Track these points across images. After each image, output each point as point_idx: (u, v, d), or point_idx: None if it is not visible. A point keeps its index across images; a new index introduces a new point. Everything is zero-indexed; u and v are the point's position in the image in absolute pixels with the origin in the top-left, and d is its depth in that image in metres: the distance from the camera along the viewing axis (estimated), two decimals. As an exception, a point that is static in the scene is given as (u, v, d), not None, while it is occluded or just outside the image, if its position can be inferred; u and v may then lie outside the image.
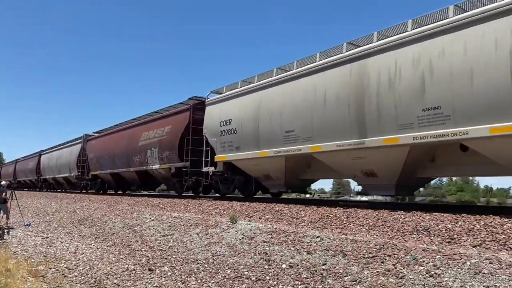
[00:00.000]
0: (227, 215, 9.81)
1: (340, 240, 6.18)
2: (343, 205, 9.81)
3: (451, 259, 4.72)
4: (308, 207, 9.50)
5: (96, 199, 20.34)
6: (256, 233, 7.56)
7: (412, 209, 7.88)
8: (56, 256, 8.62)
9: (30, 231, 12.31)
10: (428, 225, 6.35)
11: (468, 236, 5.65)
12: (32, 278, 6.89)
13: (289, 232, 7.13)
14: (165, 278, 6.48)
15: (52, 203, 20.95)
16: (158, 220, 10.69)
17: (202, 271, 6.45)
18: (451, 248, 5.19)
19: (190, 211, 11.64)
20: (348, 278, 4.99)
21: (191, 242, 8.16)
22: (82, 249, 9.24)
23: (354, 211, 8.23)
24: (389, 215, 7.43)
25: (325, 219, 7.97)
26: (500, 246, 5.13)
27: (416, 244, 5.50)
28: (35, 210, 18.63)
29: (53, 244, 10.06)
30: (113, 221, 12.19)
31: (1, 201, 12.86)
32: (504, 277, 4.13)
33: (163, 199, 15.91)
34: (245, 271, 6.06)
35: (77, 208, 16.84)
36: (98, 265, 7.63)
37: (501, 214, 6.51)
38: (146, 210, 12.77)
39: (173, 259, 7.40)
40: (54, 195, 27.75)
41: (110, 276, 6.88)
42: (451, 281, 4.27)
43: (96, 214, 14.29)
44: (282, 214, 9.07)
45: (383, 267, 4.99)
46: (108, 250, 8.92)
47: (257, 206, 10.56)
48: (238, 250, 6.99)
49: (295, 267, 5.72)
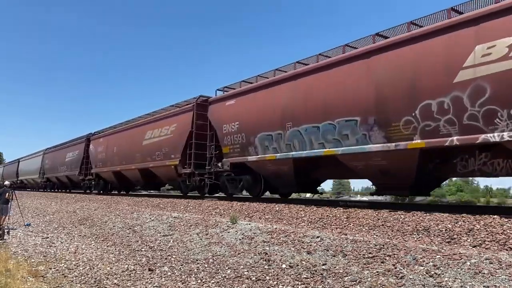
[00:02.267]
0: (227, 215, 9.81)
1: (340, 240, 6.18)
2: (343, 205, 9.81)
3: (451, 259, 4.72)
4: (308, 207, 9.50)
5: (96, 199, 20.35)
6: (256, 233, 7.56)
7: (412, 209, 7.89)
8: (56, 256, 8.62)
9: (30, 231, 12.31)
10: (428, 225, 6.36)
11: (468, 236, 5.66)
12: (32, 278, 6.89)
13: (289, 232, 7.14)
14: (165, 278, 6.48)
15: (52, 203, 20.95)
16: (158, 220, 10.69)
17: (202, 271, 6.45)
18: (451, 248, 5.20)
19: (190, 211, 11.64)
20: (348, 278, 4.99)
21: (191, 242, 8.17)
22: (82, 249, 9.24)
23: (354, 211, 8.24)
24: (389, 215, 7.43)
25: (325, 219, 7.97)
26: (500, 246, 5.13)
27: (416, 244, 5.51)
28: (35, 210, 18.63)
29: (53, 244, 10.06)
30: (113, 221, 12.19)
31: (4, 202, 12.89)
32: (504, 277, 4.13)
33: (163, 199, 15.90)
34: (245, 271, 6.07)
35: (77, 208, 16.84)
36: (98, 265, 7.63)
37: (501, 214, 6.52)
38: (146, 210, 12.77)
39: (173, 259, 7.40)
40: (54, 195, 27.75)
41: (110, 276, 6.88)
42: (451, 281, 4.27)
43: (96, 214, 14.29)
44: (282, 214, 9.07)
45: (383, 267, 4.99)
46: (108, 250, 8.92)
47: (257, 206, 10.56)
48: (238, 250, 6.99)
49: (295, 267, 5.73)
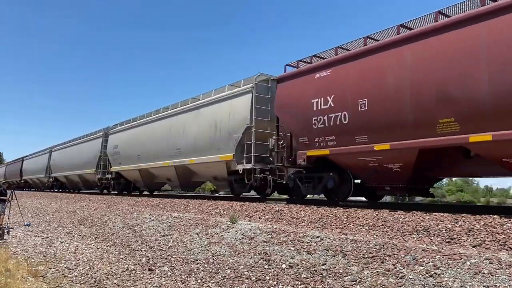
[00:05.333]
0: (227, 215, 9.81)
1: (340, 240, 6.18)
2: (343, 205, 9.81)
3: (451, 259, 4.72)
4: (308, 207, 9.50)
5: (96, 199, 20.35)
6: (256, 233, 7.56)
7: (412, 209, 7.89)
8: (56, 256, 8.62)
9: (30, 231, 12.31)
10: (428, 225, 6.36)
11: (468, 236, 5.66)
12: (32, 278, 6.89)
13: (289, 232, 7.14)
14: (165, 278, 6.48)
15: (52, 203, 20.96)
16: (158, 220, 10.69)
17: (202, 271, 6.45)
18: (451, 248, 5.20)
19: (190, 211, 11.64)
20: (348, 278, 4.99)
21: (191, 242, 8.17)
22: (82, 249, 9.24)
23: (354, 211, 8.24)
24: (389, 215, 7.44)
25: (325, 219, 7.97)
26: (500, 246, 5.13)
27: (416, 244, 5.51)
28: (35, 210, 18.64)
29: (53, 244, 10.06)
30: (113, 221, 12.19)
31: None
32: (504, 277, 4.13)
33: (163, 199, 15.90)
34: (245, 271, 6.07)
35: (77, 208, 16.84)
36: (98, 265, 7.63)
37: (501, 214, 6.52)
38: (146, 210, 12.77)
39: (173, 259, 7.40)
40: (54, 195, 27.75)
41: (110, 276, 6.88)
42: (451, 281, 4.27)
43: (96, 214, 14.29)
44: (282, 214, 9.07)
45: (383, 267, 4.99)
46: (108, 250, 8.92)
47: (257, 206, 10.56)
48: (238, 250, 6.99)
49: (295, 267, 5.73)
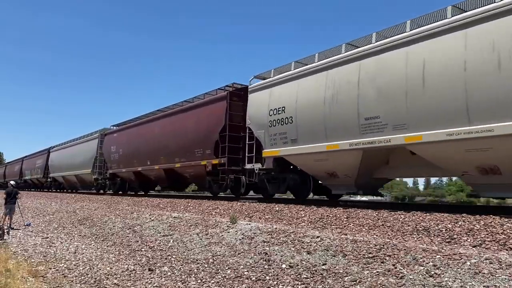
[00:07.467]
0: (227, 215, 9.81)
1: (340, 240, 6.18)
2: (343, 205, 9.81)
3: (451, 259, 4.72)
4: (308, 207, 9.50)
5: (96, 199, 20.34)
6: (256, 233, 7.56)
7: (412, 209, 7.89)
8: (56, 256, 8.62)
9: (30, 231, 12.32)
10: (428, 225, 6.35)
11: (468, 236, 5.65)
12: (32, 278, 6.89)
13: (289, 232, 7.13)
14: (165, 278, 6.48)
15: (52, 203, 20.95)
16: (158, 220, 10.69)
17: (202, 271, 6.45)
18: (451, 248, 5.19)
19: (190, 211, 11.64)
20: (348, 278, 4.99)
21: (191, 242, 8.16)
22: (82, 249, 9.24)
23: (354, 211, 8.24)
24: (389, 215, 7.43)
25: (325, 219, 7.97)
26: (500, 246, 5.13)
27: (416, 244, 5.50)
28: (35, 210, 18.63)
29: (53, 244, 10.06)
30: (113, 221, 12.19)
31: (13, 202, 13.09)
32: (504, 277, 4.13)
33: (163, 199, 15.90)
34: (245, 271, 6.07)
35: (77, 208, 16.84)
36: (98, 265, 7.63)
37: (501, 214, 6.52)
38: (146, 210, 12.77)
39: (173, 259, 7.40)
40: (54, 195, 27.75)
41: (110, 276, 6.88)
42: (451, 281, 4.27)
43: (96, 214, 14.29)
44: (282, 214, 9.07)
45: (383, 267, 4.99)
46: (108, 250, 8.92)
47: (257, 206, 10.56)
48: (238, 250, 6.99)
49: (295, 267, 5.72)
